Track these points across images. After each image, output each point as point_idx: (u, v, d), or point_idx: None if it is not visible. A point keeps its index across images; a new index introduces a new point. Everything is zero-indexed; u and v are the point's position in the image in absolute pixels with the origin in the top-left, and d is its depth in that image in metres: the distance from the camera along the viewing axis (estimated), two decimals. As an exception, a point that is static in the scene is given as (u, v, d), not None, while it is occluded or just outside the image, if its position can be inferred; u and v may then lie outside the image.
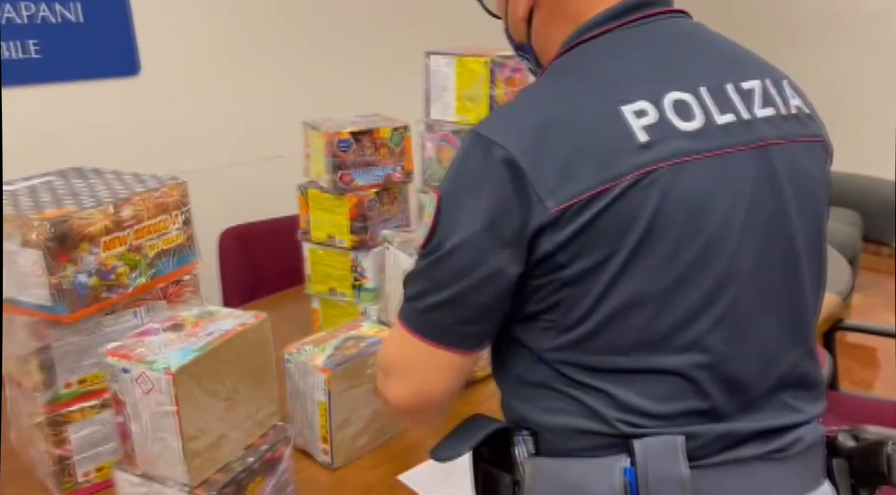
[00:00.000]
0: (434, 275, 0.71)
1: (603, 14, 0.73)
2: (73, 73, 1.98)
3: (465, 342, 0.74)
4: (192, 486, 0.87)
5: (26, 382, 0.99)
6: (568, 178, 0.65)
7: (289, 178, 2.22)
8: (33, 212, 0.94)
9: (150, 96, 2.14)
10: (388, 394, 0.78)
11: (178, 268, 1.10)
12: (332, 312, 1.45)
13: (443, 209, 0.70)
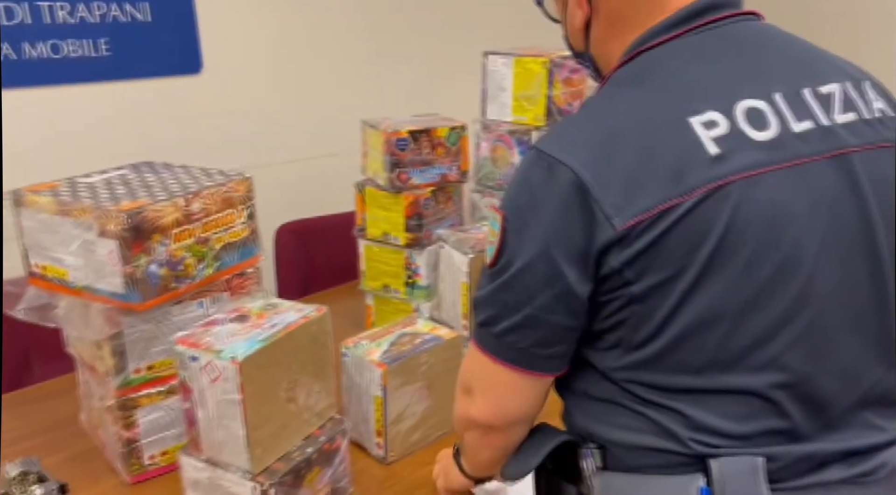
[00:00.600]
0: (505, 299, 0.70)
1: (667, 20, 0.71)
2: (140, 71, 2.05)
3: (544, 364, 0.73)
4: (253, 474, 0.90)
5: (99, 367, 1.04)
6: (635, 194, 0.63)
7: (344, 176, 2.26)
8: (111, 203, 0.98)
9: (211, 94, 2.20)
10: (472, 412, 0.77)
11: (242, 260, 1.13)
12: (385, 308, 1.47)
13: (509, 229, 0.69)
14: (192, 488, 0.95)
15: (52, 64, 1.86)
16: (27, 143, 1.82)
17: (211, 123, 2.19)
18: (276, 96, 2.31)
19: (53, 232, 1.00)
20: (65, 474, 1.04)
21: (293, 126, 2.36)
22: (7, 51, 1.78)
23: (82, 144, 1.90)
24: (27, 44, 1.81)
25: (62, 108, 1.88)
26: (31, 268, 1.05)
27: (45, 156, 1.83)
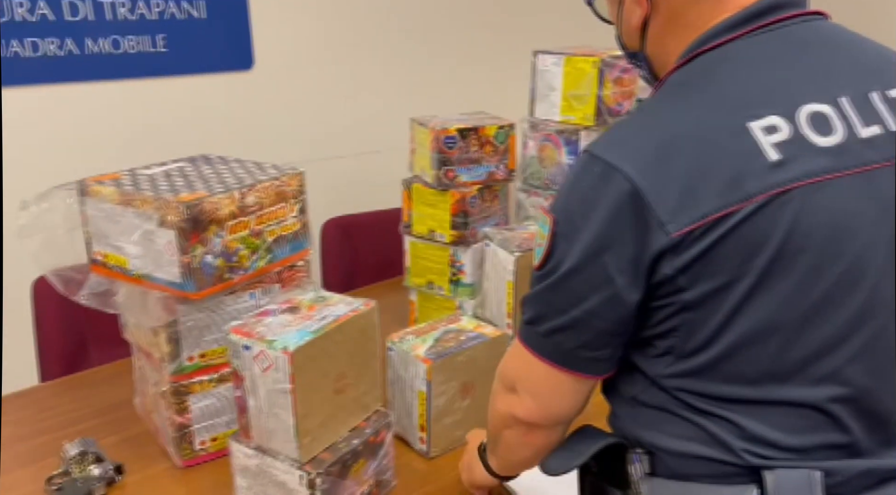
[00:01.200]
0: (552, 299, 0.71)
1: (728, 20, 0.69)
2: (194, 67, 2.11)
3: (589, 367, 0.73)
4: (301, 462, 0.92)
5: (155, 353, 1.07)
6: (690, 201, 0.62)
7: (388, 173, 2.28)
8: (170, 194, 1.01)
9: (261, 89, 2.24)
10: (517, 410, 0.77)
11: (293, 253, 1.15)
12: (429, 305, 1.48)
13: (558, 232, 0.69)
14: (242, 474, 0.98)
15: (113, 59, 1.92)
16: (88, 135, 1.89)
17: (259, 118, 2.24)
18: (324, 93, 2.35)
19: (115, 221, 1.04)
20: (120, 455, 1.08)
21: (339, 123, 2.39)
22: (70, 46, 1.84)
23: (139, 137, 1.97)
24: (90, 39, 1.87)
25: (121, 101, 1.95)
26: (94, 255, 1.09)
27: (105, 148, 1.89)
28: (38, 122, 1.82)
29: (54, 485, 1.01)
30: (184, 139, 2.02)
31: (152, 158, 1.25)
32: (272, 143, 2.23)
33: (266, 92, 2.25)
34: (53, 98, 1.83)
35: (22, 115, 1.79)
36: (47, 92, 1.82)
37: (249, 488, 0.97)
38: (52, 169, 1.70)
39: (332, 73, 2.35)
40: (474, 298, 1.40)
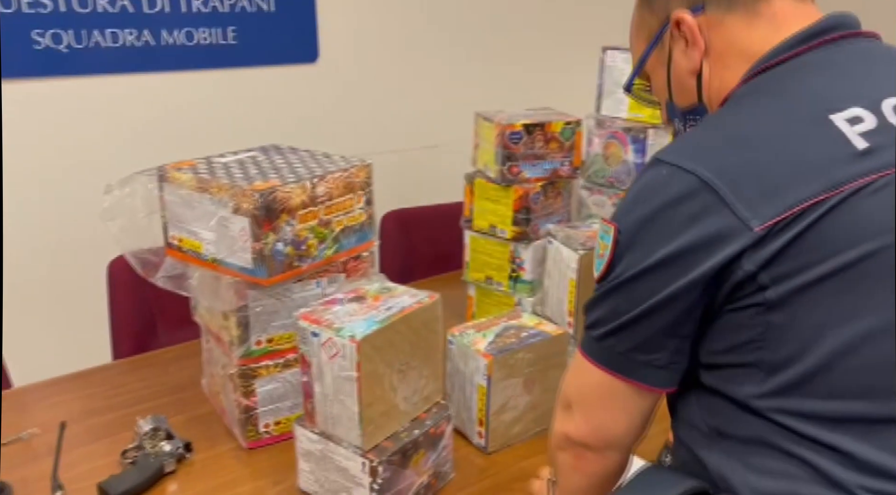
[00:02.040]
0: (610, 302, 0.69)
1: (788, 40, 0.69)
2: (261, 59, 2.16)
3: (644, 373, 0.69)
4: (364, 450, 0.93)
5: (224, 336, 1.11)
6: (773, 193, 0.60)
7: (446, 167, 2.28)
8: (244, 183, 1.03)
9: (325, 82, 2.28)
10: (569, 428, 0.75)
11: (359, 244, 1.17)
12: (487, 301, 1.48)
13: (621, 241, 0.67)
14: (305, 458, 1.00)
15: (186, 50, 1.98)
16: (163, 123, 1.95)
17: (322, 111, 2.28)
18: (385, 87, 2.37)
19: (192, 207, 1.07)
20: (187, 434, 1.11)
21: (399, 117, 2.41)
22: (147, 37, 1.91)
23: (209, 126, 2.02)
24: (165, 31, 1.94)
25: (192, 92, 2.01)
26: (169, 239, 1.13)
27: (178, 136, 1.96)
28: (119, 110, 1.90)
29: (128, 458, 1.06)
30: (250, 129, 2.07)
31: (220, 147, 1.28)
32: (333, 135, 2.26)
33: (329, 84, 2.28)
34: (132, 87, 1.90)
35: (103, 102, 1.87)
36: (126, 81, 1.89)
37: (312, 472, 0.99)
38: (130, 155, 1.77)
39: (394, 67, 2.37)
40: (534, 295, 1.39)
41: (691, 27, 0.73)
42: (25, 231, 1.81)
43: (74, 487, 1.01)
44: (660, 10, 0.78)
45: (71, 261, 1.83)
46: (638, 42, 0.83)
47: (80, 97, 1.83)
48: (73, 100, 1.82)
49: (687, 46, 0.75)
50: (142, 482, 1.00)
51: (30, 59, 1.75)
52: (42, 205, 1.82)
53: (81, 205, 1.81)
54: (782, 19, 0.70)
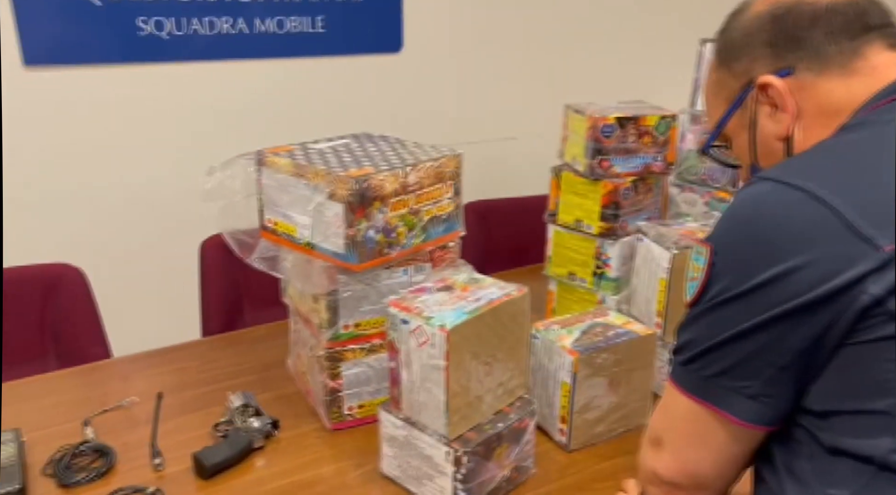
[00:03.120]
0: (702, 325, 0.65)
1: (886, 89, 0.66)
2: (347, 48, 2.19)
3: (730, 401, 0.64)
4: (449, 439, 0.94)
5: (314, 319, 1.13)
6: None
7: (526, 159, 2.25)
8: (340, 169, 1.05)
9: (408, 72, 2.29)
10: (657, 465, 0.72)
11: (446, 234, 1.17)
12: (569, 296, 1.45)
13: (718, 262, 0.63)
14: (389, 443, 1.01)
15: (277, 38, 2.03)
16: (253, 109, 2.01)
17: (404, 100, 2.29)
18: (466, 78, 2.36)
19: (287, 191, 1.10)
20: (274, 411, 1.15)
21: (479, 108, 2.40)
22: (242, 25, 1.97)
23: (294, 112, 2.07)
24: (258, 19, 1.99)
25: (283, 79, 2.06)
26: (265, 222, 1.16)
27: (270, 121, 2.01)
28: (213, 95, 1.97)
29: (220, 432, 1.10)
30: (334, 117, 2.11)
31: (305, 133, 1.31)
32: (413, 125, 2.27)
33: (411, 74, 2.30)
34: (225, 73, 1.97)
35: (199, 88, 1.94)
36: (220, 68, 1.96)
37: (395, 457, 1.01)
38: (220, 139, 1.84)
39: (475, 57, 2.36)
40: (618, 293, 1.36)
41: (781, 92, 0.70)
42: (127, 210, 1.90)
43: (171, 455, 1.06)
44: (741, 73, 0.74)
45: (167, 241, 1.92)
46: (716, 103, 0.79)
47: (178, 82, 1.91)
48: (172, 85, 1.90)
49: (774, 110, 0.71)
50: (233, 455, 1.04)
51: (134, 45, 1.84)
52: (142, 185, 1.91)
53: (177, 187, 1.89)
54: (882, 71, 0.67)
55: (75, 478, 0.99)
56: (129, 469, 1.03)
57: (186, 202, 1.63)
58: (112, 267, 1.80)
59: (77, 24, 1.76)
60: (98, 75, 1.80)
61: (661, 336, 1.18)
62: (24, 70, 1.71)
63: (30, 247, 1.61)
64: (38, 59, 1.73)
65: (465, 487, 0.93)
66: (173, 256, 1.85)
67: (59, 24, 1.74)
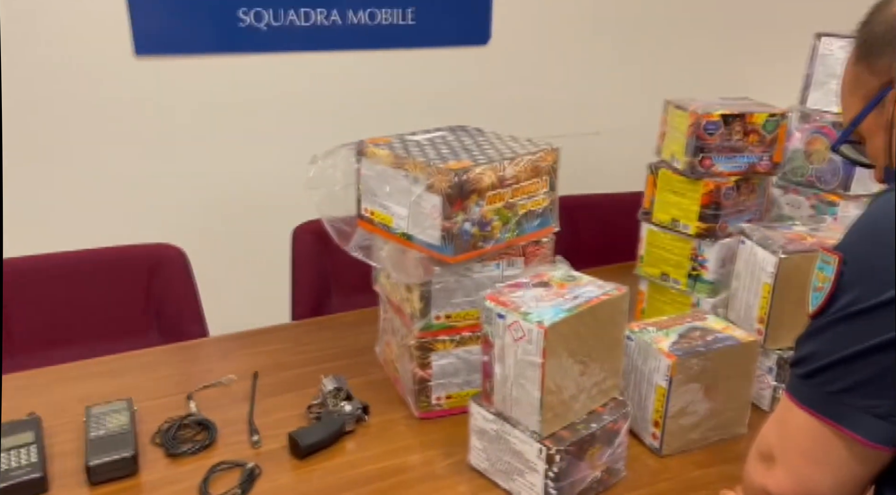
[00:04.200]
0: (828, 337, 0.62)
1: None
2: (436, 40, 2.20)
3: (857, 420, 0.61)
4: (541, 436, 0.93)
5: (406, 308, 1.15)
6: None
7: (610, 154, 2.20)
8: (439, 161, 1.06)
9: (494, 64, 2.28)
10: (768, 482, 0.68)
11: (539, 229, 1.16)
12: (660, 298, 1.41)
13: (847, 272, 0.60)
14: (478, 436, 1.01)
15: (369, 30, 2.06)
16: (344, 100, 2.06)
17: (488, 93, 2.28)
18: (552, 71, 2.33)
19: (386, 181, 1.12)
20: (363, 397, 1.17)
21: (563, 101, 2.36)
22: (335, 17, 2.01)
23: (384, 103, 2.10)
24: (351, 11, 2.03)
25: (375, 70, 2.09)
26: (362, 211, 1.18)
27: (356, 112, 2.05)
28: (307, 86, 2.02)
29: (313, 413, 1.13)
30: (422, 108, 2.13)
31: (395, 124, 1.32)
32: (498, 117, 2.26)
33: (497, 67, 2.28)
34: (319, 64, 2.01)
35: (294, 78, 1.99)
36: (313, 59, 2.01)
37: (484, 450, 1.01)
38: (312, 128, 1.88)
39: (561, 51, 2.32)
40: (714, 297, 1.31)
41: None
42: (225, 194, 1.98)
43: (267, 433, 1.10)
44: (882, 71, 0.70)
45: (262, 226, 1.99)
46: (852, 100, 0.75)
47: (275, 72, 1.97)
48: (270, 74, 1.97)
49: None
50: (326, 437, 1.07)
51: (235, 36, 1.91)
52: (240, 171, 1.99)
53: (272, 173, 1.95)
54: None
55: (181, 449, 1.04)
56: (228, 443, 1.08)
57: (280, 188, 1.68)
58: (210, 249, 1.88)
59: (183, 16, 1.84)
60: (202, 65, 1.88)
61: (763, 343, 1.13)
62: (135, 59, 1.81)
63: (136, 227, 1.70)
64: (147, 48, 1.82)
65: (556, 485, 0.92)
66: (267, 241, 1.91)
67: (167, 16, 1.82)
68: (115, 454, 0.98)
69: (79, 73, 1.77)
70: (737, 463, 1.03)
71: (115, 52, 1.78)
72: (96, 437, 1.01)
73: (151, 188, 1.90)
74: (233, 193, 1.98)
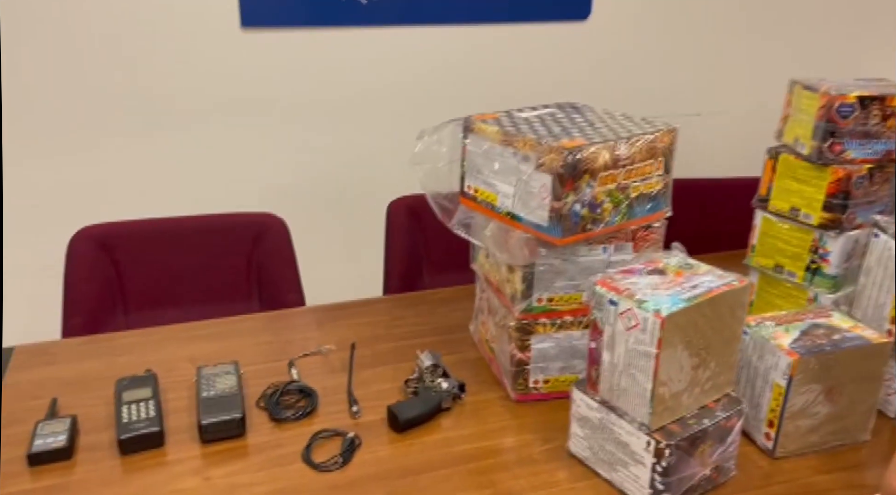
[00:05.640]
0: None
1: None
2: (532, 15, 2.14)
3: None
4: (651, 429, 0.90)
5: (506, 289, 1.13)
6: None
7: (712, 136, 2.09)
8: (550, 139, 1.02)
9: (593, 41, 2.20)
10: None
11: (650, 213, 1.11)
12: (771, 290, 1.33)
13: None
14: (580, 423, 0.99)
15: (466, 4, 2.03)
16: (437, 75, 2.04)
17: (586, 69, 2.21)
18: (653, 49, 2.22)
19: (492, 159, 1.09)
20: (458, 374, 1.17)
21: (663, 80, 2.25)
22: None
23: (481, 79, 2.07)
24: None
25: (469, 45, 2.06)
26: (465, 188, 1.16)
27: (456, 87, 2.03)
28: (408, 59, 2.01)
29: (410, 388, 1.14)
30: (520, 84, 2.09)
31: (493, 102, 1.29)
32: (596, 95, 2.19)
33: (596, 43, 2.20)
34: (419, 37, 2.00)
35: (390, 51, 1.99)
36: (413, 32, 2.00)
37: (586, 438, 0.98)
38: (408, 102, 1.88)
39: (663, 29, 2.21)
40: (835, 292, 1.22)
41: None
42: (326, 166, 2.02)
43: (365, 404, 1.11)
44: None
45: (359, 199, 2.02)
46: None
47: (374, 45, 1.97)
48: (369, 47, 1.97)
49: None
50: (424, 413, 1.07)
51: (336, 10, 1.92)
52: (338, 144, 2.02)
53: (369, 146, 1.97)
54: None
55: (285, 415, 1.07)
56: (328, 412, 1.10)
57: (378, 161, 1.69)
58: (308, 220, 1.92)
59: (288, -10, 1.87)
60: (305, 38, 1.91)
61: (893, 345, 1.05)
62: (242, 32, 1.85)
63: (241, 197, 1.75)
64: (253, 21, 1.86)
65: (664, 480, 0.89)
66: (362, 215, 1.94)
67: (272, -11, 1.86)
68: (225, 415, 1.02)
69: (189, 46, 1.83)
70: (858, 471, 0.97)
71: (223, 24, 1.83)
72: (207, 397, 1.05)
73: (255, 158, 1.96)
74: (333, 165, 2.01)
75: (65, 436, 0.99)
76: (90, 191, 1.95)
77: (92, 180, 1.94)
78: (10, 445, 1.01)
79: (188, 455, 1.00)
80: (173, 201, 1.77)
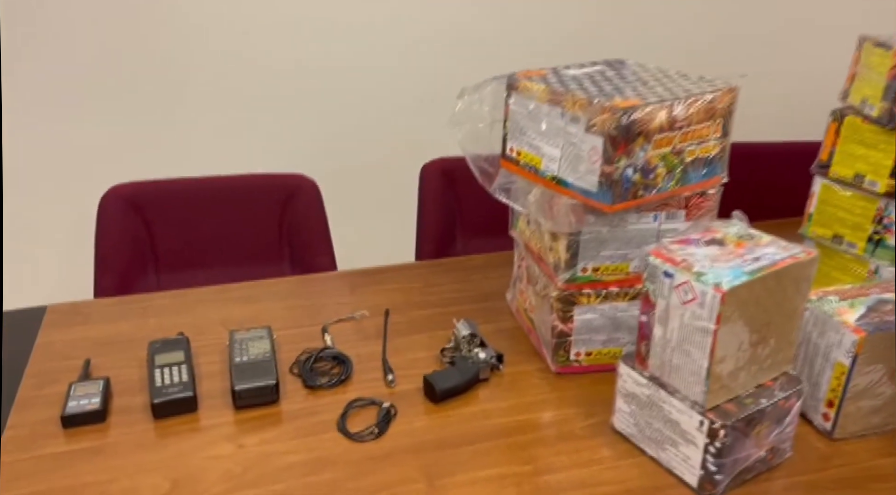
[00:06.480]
0: None
1: None
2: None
3: None
4: (705, 408, 0.85)
5: (549, 258, 1.07)
6: None
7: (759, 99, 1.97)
8: (602, 98, 0.95)
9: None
10: None
11: (706, 179, 1.04)
12: (829, 261, 1.26)
13: None
14: (626, 399, 0.94)
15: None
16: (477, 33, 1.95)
17: (630, 26, 2.10)
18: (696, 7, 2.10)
19: (538, 119, 1.03)
20: (495, 344, 1.13)
21: (713, 39, 2.14)
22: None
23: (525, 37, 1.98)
24: (488, -66, 1.90)
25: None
26: (507, 151, 1.10)
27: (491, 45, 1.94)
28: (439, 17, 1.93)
29: (446, 357, 1.10)
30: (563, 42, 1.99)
31: (536, 59, 1.21)
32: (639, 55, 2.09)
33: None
34: None
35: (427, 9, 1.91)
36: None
37: (632, 415, 0.94)
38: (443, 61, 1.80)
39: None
40: (899, 266, 1.15)
41: None
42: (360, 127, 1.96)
43: (400, 373, 1.08)
44: None
45: (394, 161, 1.96)
46: None
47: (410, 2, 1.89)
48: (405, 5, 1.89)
49: None
50: (462, 383, 1.03)
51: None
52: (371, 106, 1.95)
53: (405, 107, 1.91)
54: None
55: (319, 382, 1.05)
56: (363, 380, 1.07)
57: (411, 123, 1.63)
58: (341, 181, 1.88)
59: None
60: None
61: (967, 325, 0.98)
62: (271, -15, 1.78)
63: (273, 158, 1.71)
64: (282, -26, 1.79)
65: (716, 461, 0.84)
66: (396, 178, 1.89)
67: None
68: (259, 381, 0.99)
69: (224, 5, 1.77)
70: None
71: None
72: (241, 362, 1.02)
73: (288, 117, 1.91)
74: (367, 125, 1.95)
75: (98, 399, 0.97)
76: (122, 150, 1.93)
77: (124, 139, 1.92)
78: (45, 405, 1.00)
79: (221, 421, 0.98)
80: (204, 162, 1.74)
